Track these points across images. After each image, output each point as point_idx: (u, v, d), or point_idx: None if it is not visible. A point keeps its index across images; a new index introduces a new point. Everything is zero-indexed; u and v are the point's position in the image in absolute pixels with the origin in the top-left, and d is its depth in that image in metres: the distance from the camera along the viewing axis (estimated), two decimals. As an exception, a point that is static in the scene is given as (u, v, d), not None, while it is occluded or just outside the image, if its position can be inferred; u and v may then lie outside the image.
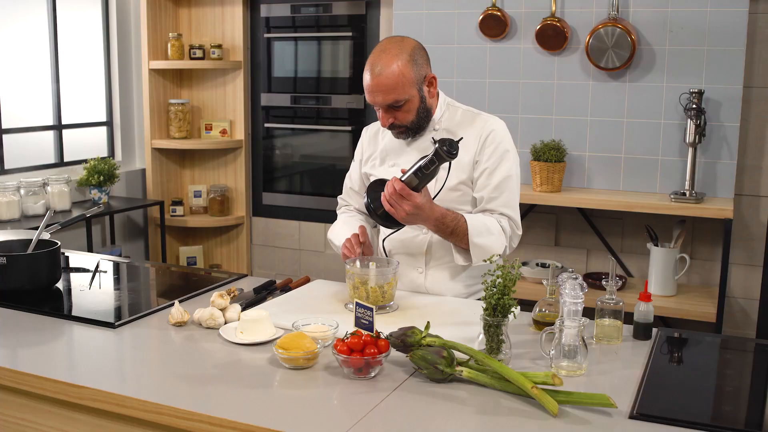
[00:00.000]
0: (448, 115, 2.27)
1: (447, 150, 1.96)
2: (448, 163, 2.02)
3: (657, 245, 3.46)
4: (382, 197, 2.05)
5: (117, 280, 2.52)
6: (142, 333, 1.97)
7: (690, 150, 3.41)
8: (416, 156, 2.21)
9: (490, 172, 2.19)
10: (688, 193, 3.39)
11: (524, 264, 3.79)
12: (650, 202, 3.40)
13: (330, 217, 4.53)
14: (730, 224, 3.23)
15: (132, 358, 1.87)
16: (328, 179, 4.63)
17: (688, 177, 3.41)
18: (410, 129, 2.20)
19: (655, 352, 1.85)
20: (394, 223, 2.11)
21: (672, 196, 3.41)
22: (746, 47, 3.38)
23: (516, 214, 2.23)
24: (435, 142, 1.98)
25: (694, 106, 3.37)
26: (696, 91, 3.37)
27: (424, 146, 2.24)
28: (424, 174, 2.00)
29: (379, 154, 2.36)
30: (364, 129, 2.47)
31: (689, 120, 3.38)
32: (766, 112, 3.47)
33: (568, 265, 3.84)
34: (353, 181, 2.48)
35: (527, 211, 3.92)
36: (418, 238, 2.28)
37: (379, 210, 2.09)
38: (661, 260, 3.45)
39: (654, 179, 3.60)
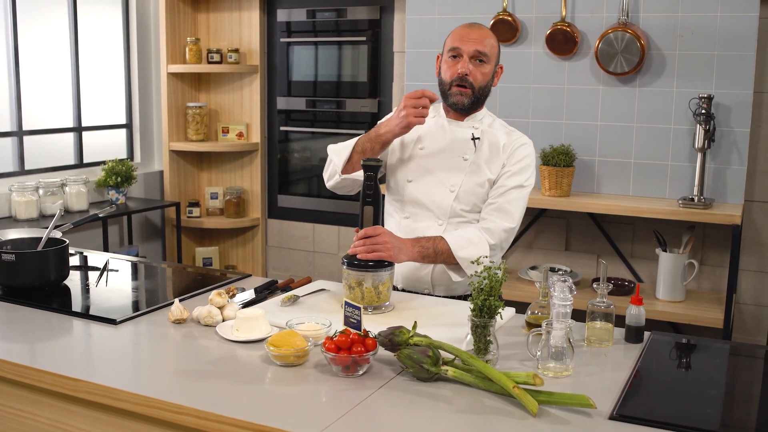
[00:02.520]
0: (489, 121, 2.41)
1: (374, 160, 2.15)
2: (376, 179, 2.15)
3: (665, 251, 3.45)
4: (359, 257, 2.10)
5: (125, 278, 2.58)
6: (142, 330, 2.02)
7: (699, 155, 3.41)
8: (449, 142, 2.36)
9: (510, 174, 2.33)
10: (696, 198, 3.38)
11: (533, 268, 3.80)
12: (659, 207, 3.40)
13: (344, 219, 4.60)
14: (739, 230, 3.22)
15: (130, 354, 1.92)
16: (342, 182, 4.67)
17: (697, 182, 3.40)
18: (473, 93, 2.31)
19: (644, 356, 1.86)
20: (382, 265, 2.13)
21: (680, 202, 3.40)
22: (757, 52, 3.37)
23: (517, 212, 2.31)
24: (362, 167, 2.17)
25: (703, 111, 3.36)
26: (706, 96, 3.36)
27: (462, 136, 2.36)
28: (371, 196, 2.13)
29: (412, 137, 2.41)
30: None
31: (699, 125, 3.37)
32: (778, 117, 3.45)
33: (578, 270, 3.85)
34: None
35: (537, 215, 3.93)
36: (429, 231, 2.32)
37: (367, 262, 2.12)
38: (669, 266, 3.44)
39: (663, 184, 3.59)
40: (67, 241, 2.38)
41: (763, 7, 3.35)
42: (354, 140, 2.36)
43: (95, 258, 2.76)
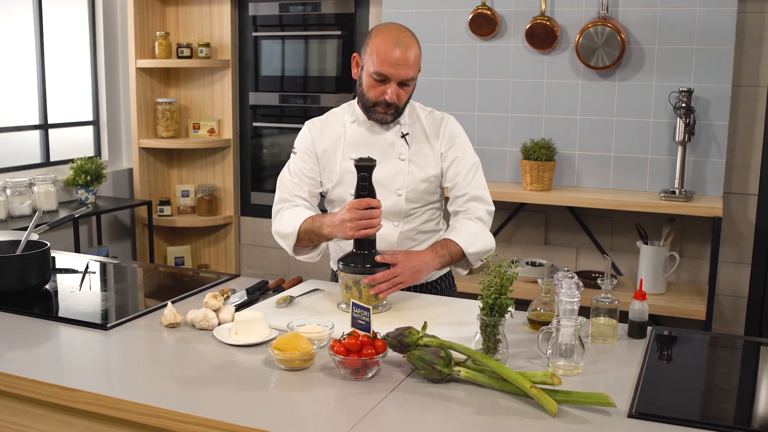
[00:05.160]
0: (409, 112, 2.33)
1: (367, 158, 2.07)
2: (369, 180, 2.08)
3: (647, 243, 3.47)
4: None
5: (106, 281, 2.49)
6: (134, 335, 1.94)
7: (679, 148, 3.43)
8: (380, 145, 2.27)
9: (459, 158, 2.30)
10: (677, 191, 3.41)
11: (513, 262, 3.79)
12: (640, 200, 3.41)
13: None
14: (719, 222, 3.25)
15: (125, 361, 1.84)
16: (317, 178, 4.60)
17: (677, 175, 3.43)
18: (398, 111, 2.25)
19: (650, 351, 1.85)
20: (379, 265, 2.09)
21: (661, 195, 3.42)
22: (735, 46, 3.40)
23: (488, 194, 2.34)
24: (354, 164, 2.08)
25: (683, 104, 3.38)
26: (685, 89, 3.39)
27: (391, 137, 2.29)
28: (366, 197, 2.05)
29: (340, 147, 2.32)
30: (310, 123, 2.40)
31: (678, 119, 3.39)
32: (755, 110, 3.49)
33: (558, 264, 3.85)
34: (298, 174, 2.41)
35: (517, 209, 3.92)
36: (386, 233, 2.26)
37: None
38: (650, 258, 3.46)
39: (643, 178, 3.61)
40: (49, 244, 2.28)
41: (740, 1, 3.39)
42: (295, 225, 2.23)
43: (69, 260, 2.65)
